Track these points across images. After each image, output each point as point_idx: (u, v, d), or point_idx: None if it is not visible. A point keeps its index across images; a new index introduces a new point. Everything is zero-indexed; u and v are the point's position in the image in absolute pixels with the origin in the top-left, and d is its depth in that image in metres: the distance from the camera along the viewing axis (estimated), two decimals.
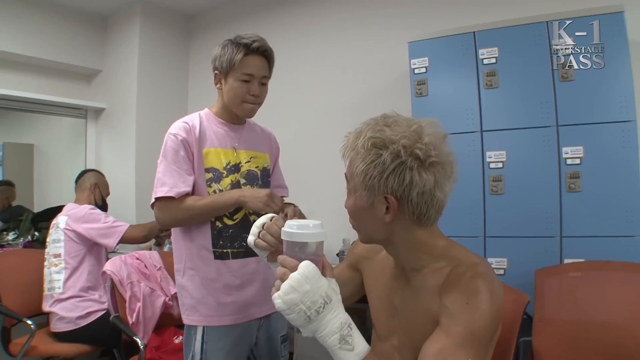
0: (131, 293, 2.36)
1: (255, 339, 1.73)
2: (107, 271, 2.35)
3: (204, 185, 1.63)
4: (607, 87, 2.08)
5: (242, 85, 1.64)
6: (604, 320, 1.79)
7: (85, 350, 2.43)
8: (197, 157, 1.63)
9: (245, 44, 1.62)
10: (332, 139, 3.15)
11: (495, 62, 2.28)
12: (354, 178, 1.00)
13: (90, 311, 2.45)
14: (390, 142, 0.95)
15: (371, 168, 0.96)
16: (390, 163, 0.95)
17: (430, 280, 1.03)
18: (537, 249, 2.16)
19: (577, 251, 2.08)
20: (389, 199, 0.98)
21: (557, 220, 2.13)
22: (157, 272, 2.57)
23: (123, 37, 3.52)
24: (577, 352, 1.78)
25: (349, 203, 1.06)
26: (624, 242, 2.01)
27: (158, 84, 3.63)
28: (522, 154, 2.23)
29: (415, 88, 2.46)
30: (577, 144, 2.11)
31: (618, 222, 2.03)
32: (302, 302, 0.87)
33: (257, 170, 1.76)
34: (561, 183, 2.14)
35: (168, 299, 2.49)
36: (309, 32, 3.33)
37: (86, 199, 2.72)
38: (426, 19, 2.91)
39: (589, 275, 1.86)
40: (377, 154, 0.95)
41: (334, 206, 3.13)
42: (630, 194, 2.02)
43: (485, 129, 2.31)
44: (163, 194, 1.57)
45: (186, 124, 1.65)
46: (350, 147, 1.00)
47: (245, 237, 1.64)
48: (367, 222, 1.04)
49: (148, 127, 3.51)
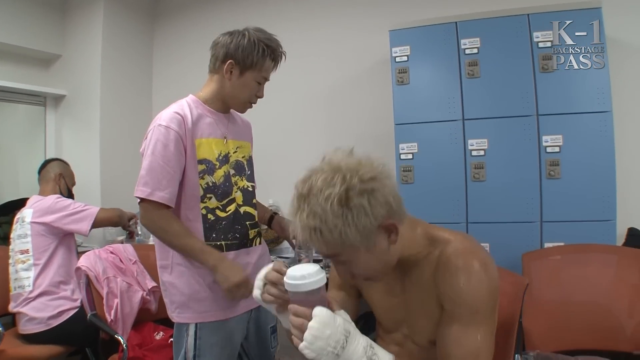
0: (108, 289, 2.25)
1: (247, 331, 1.70)
2: (81, 267, 2.23)
3: (196, 177, 1.58)
4: (585, 78, 2.17)
5: (256, 87, 1.63)
6: (586, 299, 1.89)
7: (58, 352, 2.29)
8: (190, 149, 1.57)
9: (273, 50, 1.61)
10: (310, 127, 3.20)
11: (477, 52, 2.33)
12: (347, 243, 0.95)
13: (62, 310, 2.31)
14: (349, 193, 0.93)
15: (362, 218, 0.94)
16: (364, 201, 0.94)
17: (425, 268, 1.10)
18: (519, 233, 2.23)
19: (556, 235, 2.18)
20: (385, 226, 0.99)
21: (538, 205, 2.22)
22: (133, 266, 2.47)
23: (85, 20, 3.32)
24: (562, 330, 1.87)
25: (356, 266, 1.03)
26: (601, 226, 2.12)
27: (122, 69, 3.47)
28: (503, 142, 2.29)
29: (396, 76, 2.47)
30: (557, 133, 2.20)
31: (595, 207, 2.14)
32: (329, 345, 0.90)
33: (244, 160, 1.74)
34: (541, 170, 2.22)
35: (145, 293, 2.40)
36: (285, 19, 3.27)
37: (51, 190, 2.56)
38: (407, 7, 2.93)
39: (572, 257, 1.95)
40: (357, 207, 0.93)
41: None
42: (607, 181, 2.13)
43: (467, 118, 2.35)
44: (144, 195, 1.51)
45: (177, 114, 1.56)
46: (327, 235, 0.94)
47: (238, 228, 1.64)
48: (379, 261, 1.04)
49: (112, 115, 3.35)
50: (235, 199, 1.65)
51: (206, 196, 1.59)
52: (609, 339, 1.82)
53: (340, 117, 3.15)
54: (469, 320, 1.00)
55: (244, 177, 1.71)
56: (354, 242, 0.95)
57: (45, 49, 3.32)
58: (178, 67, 3.64)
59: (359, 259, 1.01)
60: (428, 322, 1.11)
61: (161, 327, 2.41)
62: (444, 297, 1.05)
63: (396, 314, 1.20)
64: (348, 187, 0.93)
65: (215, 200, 1.60)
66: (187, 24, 3.64)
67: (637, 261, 1.91)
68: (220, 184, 1.61)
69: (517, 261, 2.09)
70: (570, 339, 1.85)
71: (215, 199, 1.60)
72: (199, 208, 1.58)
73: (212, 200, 1.59)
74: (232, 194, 1.64)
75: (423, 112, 2.41)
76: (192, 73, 3.44)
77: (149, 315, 2.42)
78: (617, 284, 1.88)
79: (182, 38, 3.64)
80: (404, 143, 2.43)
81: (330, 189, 0.94)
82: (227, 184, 1.63)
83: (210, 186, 1.59)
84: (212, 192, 1.60)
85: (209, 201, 1.59)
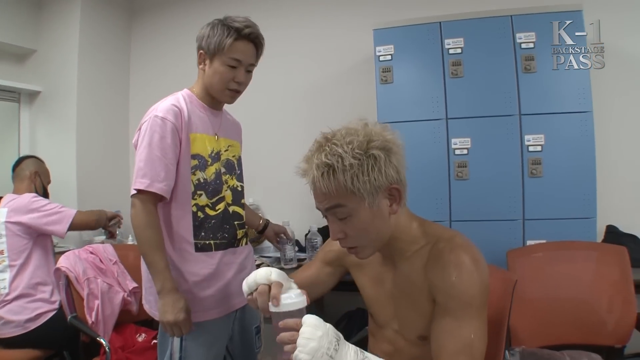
0: (88, 290, 2.20)
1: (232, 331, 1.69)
2: (61, 268, 2.17)
3: (189, 172, 1.55)
4: (566, 79, 2.22)
5: (228, 71, 1.56)
6: (569, 295, 1.93)
7: (36, 356, 2.22)
8: (185, 143, 1.54)
9: (237, 28, 1.54)
10: (292, 126, 3.19)
11: (461, 52, 2.36)
12: (354, 195, 1.01)
13: (40, 312, 2.24)
14: (369, 145, 1.00)
15: (373, 172, 1.00)
16: (389, 155, 1.02)
17: (416, 262, 1.11)
18: (501, 231, 2.27)
19: (538, 233, 2.22)
20: (392, 189, 1.04)
21: (520, 203, 2.26)
22: (114, 267, 2.42)
23: (61, 15, 3.23)
24: (547, 326, 1.91)
25: (353, 224, 1.05)
26: (582, 224, 2.18)
27: (99, 66, 3.38)
28: (486, 141, 2.32)
29: (380, 75, 2.48)
30: (539, 132, 2.25)
31: (576, 205, 2.19)
32: (322, 346, 0.90)
33: (234, 159, 1.71)
34: (523, 169, 2.26)
35: (126, 294, 2.35)
36: (269, 16, 3.23)
37: (26, 188, 2.48)
38: (391, 7, 2.95)
39: (555, 254, 1.98)
40: (372, 158, 1.00)
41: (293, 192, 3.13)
42: (587, 179, 2.19)
43: (451, 117, 2.38)
44: (144, 187, 1.46)
45: (175, 106, 1.53)
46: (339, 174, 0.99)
47: (227, 228, 1.62)
48: (377, 227, 1.07)
49: (89, 112, 3.26)
50: (225, 197, 1.63)
51: (197, 193, 1.56)
52: (591, 334, 1.86)
53: (323, 116, 3.10)
54: (462, 314, 1.00)
55: (234, 176, 1.69)
56: (362, 190, 1.00)
57: (19, 43, 3.21)
58: (156, 64, 3.57)
59: (359, 214, 1.03)
60: (418, 317, 1.11)
61: (143, 328, 2.37)
62: (436, 290, 1.05)
63: (386, 307, 1.20)
64: (370, 138, 1.01)
65: (206, 197, 1.57)
66: (165, 20, 3.58)
67: (616, 258, 1.96)
68: (212, 181, 1.59)
69: (500, 258, 2.11)
70: (554, 335, 1.88)
71: (205, 196, 1.57)
72: (190, 205, 1.55)
73: (203, 198, 1.57)
74: (222, 192, 1.62)
75: (407, 111, 2.43)
76: (171, 70, 3.42)
77: (129, 317, 2.38)
78: (598, 280, 1.92)
79: (160, 35, 3.58)
80: None
81: (353, 137, 1.01)
82: (217, 181, 1.60)
83: (201, 182, 1.56)
84: (202, 188, 1.57)
85: (199, 198, 1.56)
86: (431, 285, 1.06)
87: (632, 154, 2.57)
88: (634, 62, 2.54)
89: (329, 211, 1.06)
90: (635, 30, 2.51)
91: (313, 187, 1.05)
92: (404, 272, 1.14)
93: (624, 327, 1.88)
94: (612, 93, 2.53)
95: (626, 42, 2.51)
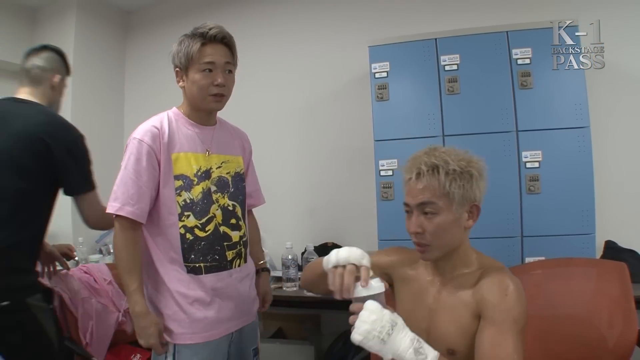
0: (83, 311, 2.16)
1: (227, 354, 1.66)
2: (55, 288, 2.14)
3: (173, 194, 1.54)
4: (563, 95, 2.22)
5: (205, 76, 1.55)
6: (570, 312, 1.90)
7: None
8: (166, 164, 1.53)
9: (201, 33, 1.55)
10: (287, 143, 3.17)
11: (457, 68, 2.35)
12: (446, 196, 1.19)
13: None
14: (470, 163, 1.22)
15: (467, 184, 1.20)
16: (479, 178, 1.23)
17: (466, 281, 1.24)
18: (500, 249, 2.24)
19: (537, 250, 2.20)
20: (474, 206, 1.24)
21: (518, 220, 2.24)
22: (108, 287, 2.38)
23: (56, 33, 3.22)
24: (546, 344, 1.88)
25: (435, 222, 1.21)
26: (581, 240, 2.17)
27: (94, 84, 3.38)
28: (483, 158, 2.30)
29: (376, 92, 2.47)
30: (536, 149, 2.24)
31: (574, 221, 2.18)
32: (374, 329, 1.04)
33: (229, 176, 1.68)
34: (521, 185, 2.25)
35: (121, 314, 2.32)
36: (263, 34, 3.25)
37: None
38: (387, 24, 2.95)
39: (554, 271, 1.96)
40: (469, 173, 1.21)
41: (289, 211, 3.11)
42: (586, 195, 2.17)
43: (447, 134, 2.36)
44: (113, 210, 1.49)
45: (155, 127, 1.54)
46: (442, 174, 1.19)
47: (218, 249, 1.59)
48: (452, 232, 1.23)
49: (83, 131, 3.22)
50: (215, 216, 1.61)
51: (184, 214, 1.55)
52: (592, 351, 1.83)
53: (319, 134, 3.14)
54: (508, 328, 1.10)
55: (226, 194, 1.66)
56: (455, 194, 1.19)
57: (14, 60, 3.20)
58: (151, 82, 3.57)
59: (443, 215, 1.20)
60: (455, 329, 1.20)
61: (137, 349, 2.33)
62: (486, 305, 1.15)
63: (420, 321, 1.27)
64: (471, 160, 1.24)
65: (194, 218, 1.56)
66: (159, 38, 3.57)
67: (615, 273, 1.93)
68: (199, 201, 1.57)
69: None
70: (555, 352, 1.86)
71: (193, 217, 1.55)
72: (177, 227, 1.54)
73: (191, 219, 1.55)
74: (211, 212, 1.59)
75: (403, 128, 2.41)
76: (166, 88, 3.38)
77: (124, 337, 2.33)
78: (598, 297, 1.90)
79: (154, 53, 3.56)
80: (383, 159, 2.42)
81: (460, 154, 1.24)
82: (205, 201, 1.58)
83: (187, 203, 1.55)
84: (189, 209, 1.55)
85: (187, 219, 1.55)
86: (481, 301, 1.16)
87: (629, 168, 2.56)
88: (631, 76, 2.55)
89: (419, 206, 1.22)
90: (630, 45, 2.52)
91: (414, 182, 1.23)
92: (451, 288, 1.26)
93: (625, 344, 1.85)
94: (609, 108, 2.54)
95: (624, 58, 2.53)
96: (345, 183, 3.04)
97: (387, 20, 2.98)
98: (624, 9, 2.54)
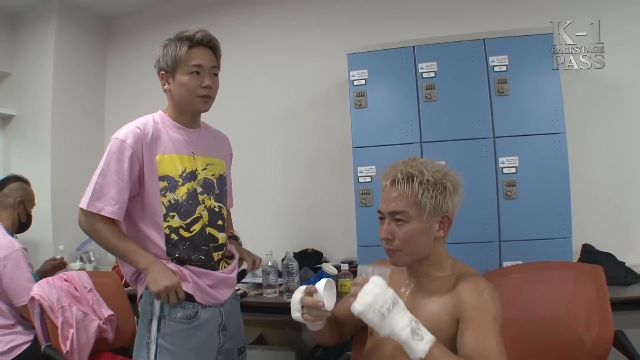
0: (63, 319, 2.15)
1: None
2: (35, 296, 2.12)
3: (157, 194, 1.55)
4: (539, 101, 2.25)
5: (193, 78, 1.57)
6: (547, 316, 1.92)
7: None
8: (149, 166, 1.54)
9: (188, 36, 1.57)
10: (266, 150, 3.18)
11: (435, 75, 2.38)
12: (417, 206, 1.26)
13: (14, 345, 2.19)
14: (445, 176, 1.29)
15: (440, 196, 1.26)
16: (453, 192, 1.29)
17: (441, 286, 1.28)
18: (478, 253, 2.27)
19: (515, 254, 2.23)
20: (445, 217, 1.30)
21: (496, 225, 2.27)
22: (88, 294, 2.37)
23: (36, 38, 3.24)
24: (525, 347, 1.90)
25: (405, 230, 1.27)
26: (557, 244, 2.20)
27: (74, 90, 3.39)
28: (461, 164, 2.26)
29: (354, 100, 2.49)
30: (513, 154, 2.27)
31: (551, 225, 2.21)
32: (376, 302, 1.08)
33: (213, 178, 1.70)
34: (498, 191, 2.28)
35: (102, 322, 2.30)
36: (242, 41, 3.27)
37: (7, 216, 2.43)
38: (365, 31, 2.98)
39: (532, 275, 1.98)
40: (443, 185, 1.27)
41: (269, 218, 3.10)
42: (562, 200, 2.20)
43: (425, 140, 2.39)
44: (95, 210, 1.49)
45: (138, 129, 1.54)
46: (416, 183, 1.26)
47: (205, 250, 1.61)
48: (421, 241, 1.29)
49: (64, 136, 3.26)
50: (201, 217, 1.62)
51: (169, 214, 1.56)
52: (569, 353, 1.85)
53: (298, 140, 3.16)
54: (490, 324, 1.15)
55: (212, 196, 1.67)
56: (426, 204, 1.25)
57: None
58: (131, 88, 3.58)
59: (413, 223, 1.26)
60: (431, 328, 1.17)
61: (119, 357, 2.34)
62: (463, 307, 1.19)
63: None
64: (447, 173, 1.30)
65: (179, 218, 1.57)
66: (140, 44, 3.60)
67: (592, 276, 1.96)
68: (183, 202, 1.58)
69: None
70: (532, 356, 1.88)
71: (178, 217, 1.56)
72: (162, 227, 1.55)
73: (175, 219, 1.56)
74: (197, 212, 1.60)
75: (381, 135, 2.43)
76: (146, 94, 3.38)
77: (105, 345, 2.32)
78: (575, 300, 1.92)
79: (135, 59, 3.59)
80: (362, 166, 2.43)
81: (436, 166, 1.31)
82: (190, 201, 1.59)
83: (172, 204, 1.56)
84: (174, 210, 1.56)
85: (172, 220, 1.56)
86: (459, 304, 1.21)
87: (605, 173, 2.61)
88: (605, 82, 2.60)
89: (391, 214, 1.28)
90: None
91: (389, 189, 1.30)
92: (428, 289, 1.30)
93: (602, 345, 1.87)
94: (584, 113, 2.58)
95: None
96: (325, 189, 3.05)
97: (365, 28, 3.01)
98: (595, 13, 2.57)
